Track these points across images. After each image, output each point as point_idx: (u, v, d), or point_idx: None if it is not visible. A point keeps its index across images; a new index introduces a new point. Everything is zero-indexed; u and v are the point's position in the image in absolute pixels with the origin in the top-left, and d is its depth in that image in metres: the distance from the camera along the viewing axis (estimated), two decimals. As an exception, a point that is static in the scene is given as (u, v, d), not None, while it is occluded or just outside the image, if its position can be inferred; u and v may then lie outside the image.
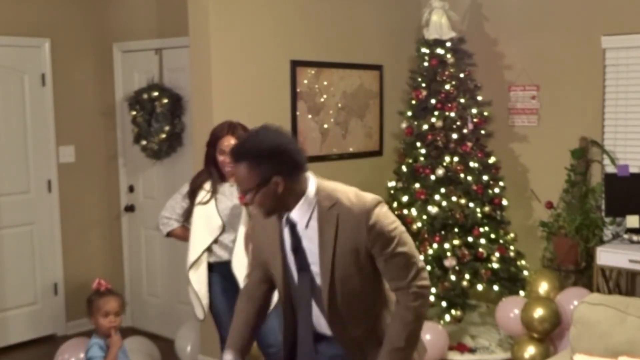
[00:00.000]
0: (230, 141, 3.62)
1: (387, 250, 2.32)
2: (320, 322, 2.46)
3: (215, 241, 3.71)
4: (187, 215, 3.79)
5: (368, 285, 2.40)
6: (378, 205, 2.36)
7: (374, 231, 2.31)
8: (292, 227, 2.38)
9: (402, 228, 2.40)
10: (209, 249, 3.73)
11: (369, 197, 2.39)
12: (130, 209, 5.79)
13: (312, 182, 2.37)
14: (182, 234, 3.86)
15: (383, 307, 2.45)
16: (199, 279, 3.72)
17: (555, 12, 5.39)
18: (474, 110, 5.30)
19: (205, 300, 3.73)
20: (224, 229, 3.70)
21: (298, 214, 2.35)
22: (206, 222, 3.70)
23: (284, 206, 2.34)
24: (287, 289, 2.48)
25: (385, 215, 2.35)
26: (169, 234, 3.90)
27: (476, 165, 5.24)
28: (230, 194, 3.73)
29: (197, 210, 3.72)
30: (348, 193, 2.38)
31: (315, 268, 2.39)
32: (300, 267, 2.41)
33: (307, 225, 2.36)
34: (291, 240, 2.40)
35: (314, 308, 2.45)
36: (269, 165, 2.26)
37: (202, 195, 3.72)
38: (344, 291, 2.37)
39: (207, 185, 3.73)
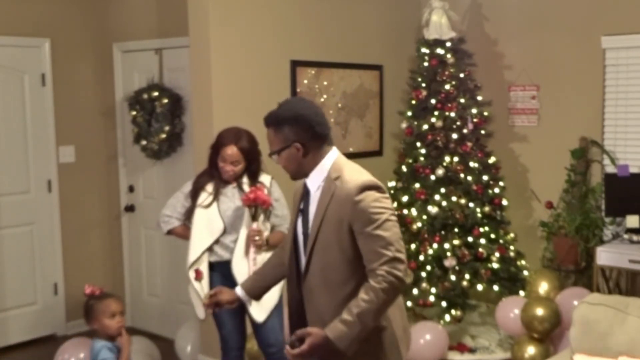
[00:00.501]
0: (232, 150, 3.62)
1: (367, 229, 2.41)
2: None
3: (216, 241, 3.71)
4: (189, 214, 3.79)
5: (345, 261, 2.48)
6: (373, 189, 2.46)
7: (358, 207, 2.43)
8: (306, 192, 2.61)
9: (392, 218, 2.46)
10: (209, 249, 3.73)
11: (369, 178, 2.51)
12: (130, 209, 5.79)
13: (332, 155, 2.59)
14: (182, 233, 3.85)
15: (356, 290, 2.44)
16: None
17: (555, 12, 5.39)
18: (474, 110, 5.30)
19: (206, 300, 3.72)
20: (225, 231, 3.70)
21: (312, 180, 2.58)
22: (207, 223, 3.70)
23: (303, 171, 2.58)
24: (293, 250, 2.66)
25: (375, 199, 2.45)
26: (169, 232, 3.90)
27: (476, 165, 5.24)
28: (232, 195, 3.73)
29: (199, 212, 3.72)
30: (355, 171, 2.55)
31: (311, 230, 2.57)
32: (304, 230, 2.60)
33: (314, 191, 2.57)
34: (302, 203, 2.63)
35: None
36: (291, 131, 2.53)
37: (204, 197, 3.72)
38: (322, 259, 2.51)
39: (209, 187, 3.73)
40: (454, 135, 5.23)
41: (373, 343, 2.51)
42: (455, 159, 5.22)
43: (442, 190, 5.15)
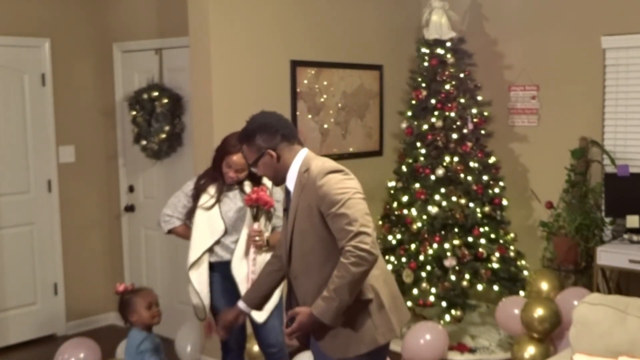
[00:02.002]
0: (239, 158, 3.59)
1: (332, 209, 2.57)
2: None
3: (217, 242, 3.71)
4: (190, 214, 3.79)
5: (320, 244, 2.66)
6: (334, 172, 2.64)
7: (321, 190, 2.61)
8: (287, 192, 2.81)
9: (355, 196, 2.59)
10: (210, 249, 3.72)
11: (331, 164, 2.70)
12: (130, 209, 5.79)
13: (302, 154, 2.78)
14: (183, 232, 3.85)
15: (334, 270, 2.59)
16: (200, 279, 3.72)
17: (555, 12, 5.39)
18: (474, 110, 5.30)
19: (206, 300, 3.72)
20: (226, 232, 3.69)
21: (289, 180, 2.77)
22: (208, 224, 3.69)
23: (281, 175, 2.78)
24: (287, 246, 2.80)
25: (337, 180, 2.61)
26: (170, 232, 3.89)
27: (476, 165, 5.24)
28: (234, 196, 3.72)
29: (200, 213, 3.72)
30: (321, 161, 2.74)
31: None
32: (287, 226, 2.80)
33: (292, 189, 2.75)
34: (285, 201, 2.86)
35: None
36: (260, 139, 2.75)
37: (205, 199, 3.71)
38: (301, 247, 2.71)
39: (211, 189, 3.72)
40: (454, 135, 5.24)
41: (362, 314, 2.67)
42: (455, 159, 5.22)
43: (442, 190, 5.15)
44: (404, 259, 5.12)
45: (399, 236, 5.25)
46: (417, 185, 5.24)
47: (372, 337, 2.68)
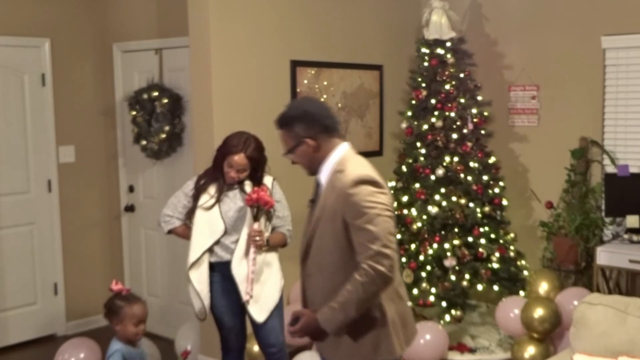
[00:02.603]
0: (240, 158, 3.60)
1: (356, 221, 2.50)
2: None
3: (217, 242, 3.71)
4: (190, 214, 3.79)
5: (337, 250, 2.59)
6: (368, 183, 2.53)
7: (351, 200, 2.52)
8: (318, 184, 2.73)
9: (384, 213, 2.51)
10: (210, 249, 3.72)
11: (366, 172, 2.59)
12: (130, 209, 5.79)
13: (341, 149, 2.68)
14: (183, 233, 3.85)
15: (347, 279, 2.53)
16: (200, 279, 3.72)
17: (555, 12, 5.39)
18: (474, 110, 5.29)
19: (206, 300, 3.72)
20: (225, 232, 3.69)
21: (322, 173, 2.69)
22: (208, 225, 3.69)
23: (316, 165, 2.69)
24: (304, 236, 2.77)
25: (369, 193, 2.52)
26: (170, 232, 3.90)
27: (476, 165, 5.24)
28: (234, 196, 3.72)
29: (200, 213, 3.72)
30: (357, 165, 2.63)
31: None
32: (310, 219, 2.74)
33: (323, 183, 2.68)
34: (314, 194, 2.76)
35: None
36: (300, 128, 2.65)
37: (205, 199, 3.71)
38: (319, 247, 2.65)
39: (212, 189, 3.72)
40: (454, 135, 5.23)
41: (365, 330, 2.62)
42: (455, 159, 5.22)
43: (442, 190, 5.14)
44: (404, 259, 5.12)
45: (399, 236, 5.24)
46: (417, 185, 5.23)
47: (371, 355, 2.64)
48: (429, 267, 5.03)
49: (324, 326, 2.55)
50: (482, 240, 5.09)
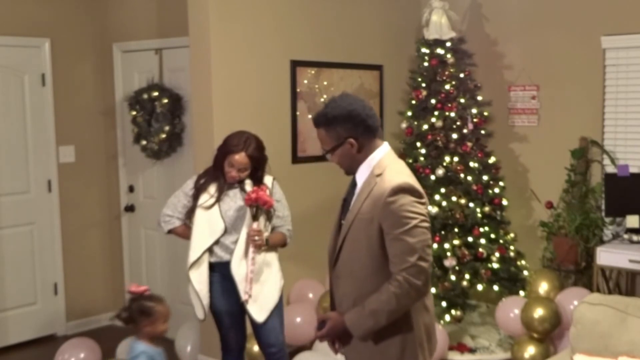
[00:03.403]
0: (241, 157, 3.61)
1: (394, 231, 2.43)
2: None
3: (217, 242, 3.71)
4: (189, 213, 3.79)
5: (370, 257, 2.52)
6: (407, 192, 2.47)
7: (389, 208, 2.44)
8: (353, 184, 2.65)
9: (422, 224, 2.46)
10: (209, 250, 3.72)
11: (406, 181, 2.51)
12: (130, 209, 5.79)
13: (382, 151, 2.62)
14: (182, 233, 3.85)
15: (378, 287, 2.50)
16: (200, 279, 3.71)
17: (555, 12, 5.39)
18: (474, 110, 5.29)
19: (205, 300, 3.72)
20: (225, 231, 3.69)
21: (360, 174, 2.62)
22: (208, 224, 3.69)
23: (357, 166, 2.60)
24: (334, 237, 2.71)
25: (408, 202, 2.46)
26: (170, 232, 3.90)
27: (476, 165, 5.24)
28: (234, 195, 3.72)
29: (200, 213, 3.72)
30: (397, 171, 2.56)
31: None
32: (340, 218, 2.68)
33: (360, 185, 2.60)
34: (347, 192, 2.69)
35: None
36: (343, 128, 2.56)
37: (205, 198, 3.71)
38: (351, 251, 2.56)
39: (211, 188, 3.72)
40: (454, 135, 5.23)
41: (392, 341, 2.56)
42: (455, 159, 5.21)
43: (442, 190, 5.14)
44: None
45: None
46: (417, 185, 5.23)
47: None
48: (428, 267, 5.02)
49: (352, 330, 2.53)
50: (482, 240, 5.09)
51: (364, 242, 2.52)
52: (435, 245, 5.04)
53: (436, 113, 5.26)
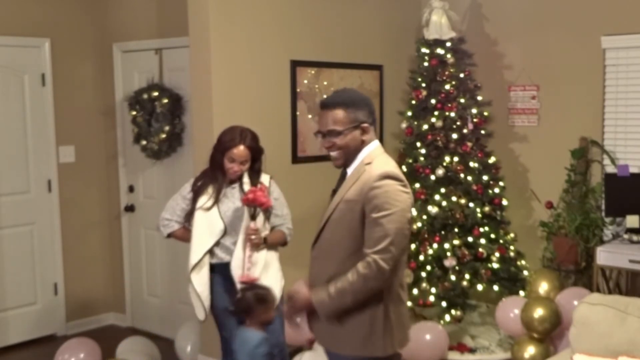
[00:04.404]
0: (241, 150, 3.62)
1: (373, 214, 2.53)
2: None
3: (217, 243, 3.71)
4: (188, 216, 3.79)
5: (349, 239, 2.61)
6: (392, 179, 2.56)
7: (372, 192, 2.54)
8: (343, 175, 2.74)
9: (404, 213, 2.56)
10: (210, 251, 3.72)
11: (392, 169, 2.63)
12: (130, 209, 5.79)
13: (373, 144, 2.70)
14: (182, 235, 3.85)
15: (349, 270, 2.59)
16: (201, 281, 3.71)
17: (555, 12, 5.39)
18: (474, 110, 5.29)
19: (207, 302, 3.72)
20: (225, 232, 3.69)
21: (351, 166, 2.69)
22: (208, 225, 3.69)
23: (354, 155, 2.67)
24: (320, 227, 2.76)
25: (393, 190, 2.55)
26: (169, 235, 3.90)
27: (476, 165, 5.24)
28: (232, 195, 3.72)
29: (199, 214, 3.71)
30: (386, 162, 2.67)
31: None
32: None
33: (350, 174, 2.69)
34: (337, 184, 2.76)
35: None
36: (362, 112, 2.66)
37: (204, 200, 3.71)
38: (331, 232, 2.66)
39: (210, 190, 3.72)
40: (454, 135, 5.23)
41: (361, 325, 2.63)
42: (455, 159, 5.22)
43: (442, 190, 5.15)
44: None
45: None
46: (417, 185, 5.23)
47: (359, 348, 2.65)
48: (429, 267, 5.03)
49: (317, 307, 2.60)
50: (482, 240, 5.09)
51: (346, 224, 2.61)
52: (435, 245, 5.04)
53: (436, 113, 5.26)
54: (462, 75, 5.36)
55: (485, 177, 5.24)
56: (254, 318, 3.35)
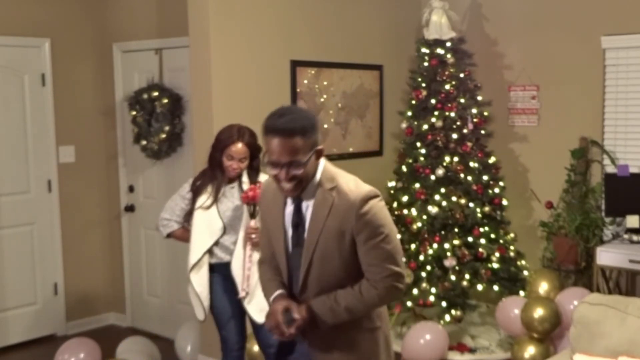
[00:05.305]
0: (239, 147, 3.63)
1: (371, 241, 2.41)
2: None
3: (216, 243, 3.71)
4: (187, 216, 3.79)
5: (343, 268, 2.47)
6: (374, 198, 2.45)
7: (363, 220, 2.40)
8: (299, 203, 2.48)
9: (394, 229, 2.49)
10: (209, 251, 3.72)
11: (367, 187, 2.48)
12: (130, 209, 5.79)
13: (321, 162, 2.49)
14: (181, 236, 3.85)
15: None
16: (200, 281, 3.72)
17: (555, 12, 5.39)
18: (474, 110, 5.30)
19: (206, 302, 3.73)
20: (224, 231, 3.70)
21: (308, 191, 2.46)
22: (207, 224, 3.70)
23: (310, 180, 2.44)
24: (289, 263, 2.56)
25: (379, 209, 2.45)
26: (169, 236, 3.90)
27: (476, 165, 5.24)
28: (231, 195, 3.72)
29: (198, 214, 3.72)
30: (349, 180, 2.49)
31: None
32: (297, 243, 2.51)
33: (309, 202, 2.47)
34: (294, 217, 2.50)
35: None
36: (316, 134, 2.42)
37: (203, 199, 3.71)
38: (320, 269, 2.47)
39: (209, 189, 3.72)
40: (454, 135, 5.23)
41: (369, 341, 2.56)
42: (455, 159, 5.22)
43: (442, 190, 5.15)
44: (404, 259, 5.12)
45: (399, 236, 5.23)
46: (417, 185, 5.23)
47: None
48: (429, 267, 5.03)
49: (322, 321, 2.45)
50: (482, 240, 5.09)
51: (335, 257, 2.45)
52: (435, 245, 5.04)
53: (436, 113, 5.27)
54: (462, 75, 5.36)
55: (485, 177, 5.24)
56: None
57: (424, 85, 5.37)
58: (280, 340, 2.55)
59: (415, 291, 5.06)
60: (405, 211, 5.23)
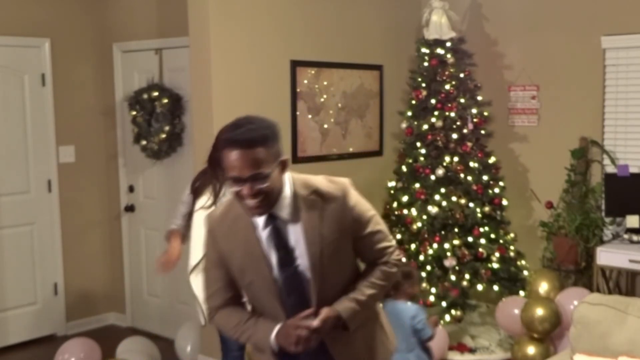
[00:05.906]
0: None
1: (367, 230, 2.39)
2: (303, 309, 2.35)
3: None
4: (187, 219, 3.80)
5: (350, 266, 2.45)
6: (351, 187, 2.41)
7: (355, 212, 2.36)
8: (274, 222, 2.28)
9: (372, 208, 2.50)
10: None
11: (340, 179, 2.42)
12: (130, 209, 5.79)
13: (287, 173, 2.30)
14: (171, 237, 3.88)
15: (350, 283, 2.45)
16: (200, 285, 3.71)
17: (555, 12, 5.39)
18: (474, 110, 5.30)
19: (205, 305, 3.71)
20: (224, 230, 3.69)
21: (282, 206, 2.26)
22: (207, 225, 3.70)
23: (277, 194, 2.23)
24: (276, 290, 2.34)
25: (358, 195, 2.43)
26: (168, 234, 3.91)
27: (476, 165, 5.24)
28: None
29: (199, 214, 3.70)
30: (321, 180, 2.37)
31: (301, 261, 2.30)
32: (284, 264, 2.31)
33: (289, 218, 2.28)
34: (274, 238, 2.29)
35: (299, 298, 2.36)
36: (279, 144, 2.22)
37: (204, 199, 3.71)
38: (333, 276, 2.34)
39: (209, 189, 3.72)
40: (454, 135, 5.23)
41: (377, 325, 2.56)
42: (455, 159, 5.22)
43: (442, 190, 5.15)
44: (404, 259, 5.12)
45: (399, 236, 5.25)
46: (417, 185, 5.23)
47: (386, 351, 2.57)
48: (429, 267, 5.03)
49: (349, 321, 2.31)
50: (482, 240, 5.09)
51: (344, 259, 2.39)
52: (435, 245, 5.04)
53: (436, 113, 5.26)
54: (462, 75, 5.36)
55: (485, 177, 5.24)
56: (401, 292, 3.75)
57: (424, 85, 5.37)
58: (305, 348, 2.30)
59: (415, 291, 5.06)
60: (405, 211, 5.23)
